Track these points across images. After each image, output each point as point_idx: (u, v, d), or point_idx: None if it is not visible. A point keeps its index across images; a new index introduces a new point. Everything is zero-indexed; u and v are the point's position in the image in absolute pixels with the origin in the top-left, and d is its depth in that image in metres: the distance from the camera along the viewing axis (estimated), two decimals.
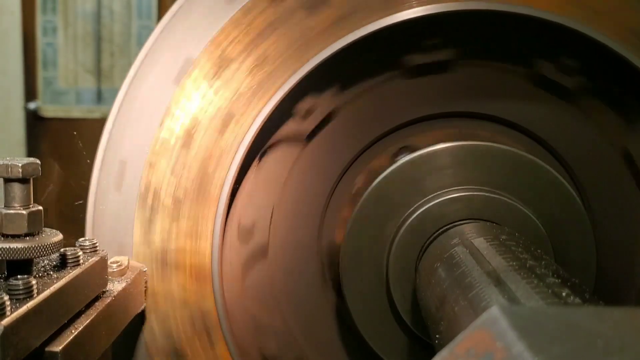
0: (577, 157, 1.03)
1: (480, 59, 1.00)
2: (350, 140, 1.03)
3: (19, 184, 0.65)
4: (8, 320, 0.55)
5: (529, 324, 0.41)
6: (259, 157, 0.97)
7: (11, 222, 0.65)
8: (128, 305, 0.82)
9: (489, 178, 0.97)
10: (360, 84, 1.00)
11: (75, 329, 0.67)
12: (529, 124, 1.03)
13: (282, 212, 1.04)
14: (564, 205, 0.98)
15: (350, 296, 1.00)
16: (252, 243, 1.02)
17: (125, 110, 0.90)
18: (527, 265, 0.70)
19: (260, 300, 1.03)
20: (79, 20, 3.66)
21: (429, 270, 0.86)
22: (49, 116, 3.69)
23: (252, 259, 1.02)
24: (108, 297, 0.76)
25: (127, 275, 0.82)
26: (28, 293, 0.60)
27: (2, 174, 0.65)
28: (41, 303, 0.60)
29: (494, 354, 0.39)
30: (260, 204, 1.02)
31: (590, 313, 0.44)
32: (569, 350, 0.38)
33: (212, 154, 0.89)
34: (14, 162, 0.65)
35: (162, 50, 0.90)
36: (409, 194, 0.97)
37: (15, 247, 0.63)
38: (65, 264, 0.70)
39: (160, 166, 0.89)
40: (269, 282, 1.04)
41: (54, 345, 0.63)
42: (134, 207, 0.89)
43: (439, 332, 0.71)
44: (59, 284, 0.65)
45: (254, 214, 1.01)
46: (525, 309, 0.50)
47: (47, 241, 0.65)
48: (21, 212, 0.65)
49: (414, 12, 0.88)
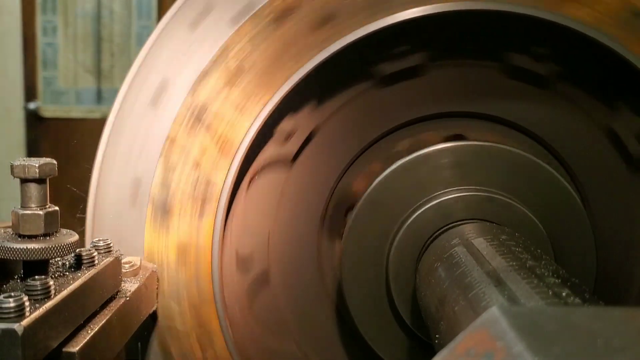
0: (563, 142, 1.03)
1: (452, 59, 1.00)
2: (336, 154, 1.04)
3: (35, 184, 0.65)
4: (28, 321, 0.55)
5: (529, 324, 0.41)
6: (248, 185, 0.97)
7: (28, 223, 0.64)
8: (141, 305, 0.82)
9: (489, 178, 0.97)
10: (335, 99, 1.00)
11: (91, 330, 0.67)
12: (511, 115, 1.03)
13: (278, 236, 1.04)
14: (564, 205, 0.98)
15: (351, 296, 1.00)
16: (253, 272, 1.02)
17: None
18: (527, 265, 0.70)
19: (270, 326, 1.03)
20: (79, 20, 3.66)
21: (429, 270, 0.86)
22: (49, 116, 3.69)
23: (256, 288, 1.02)
24: (122, 297, 0.76)
25: (140, 276, 0.82)
26: (46, 294, 0.60)
27: (19, 175, 0.65)
28: (59, 304, 0.60)
29: (494, 354, 0.39)
30: (255, 232, 1.01)
31: (590, 313, 0.44)
32: (569, 350, 0.38)
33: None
34: (31, 162, 0.65)
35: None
36: (409, 194, 0.97)
37: (32, 247, 0.63)
38: (80, 265, 0.70)
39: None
40: (276, 307, 1.04)
41: (71, 346, 0.63)
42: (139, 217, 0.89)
43: (439, 332, 0.71)
44: (75, 284, 0.65)
45: (251, 243, 1.01)
46: (525, 309, 0.50)
47: (64, 241, 0.65)
48: (38, 212, 0.65)
49: (381, 22, 0.88)
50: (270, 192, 1.02)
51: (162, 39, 0.90)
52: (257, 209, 1.01)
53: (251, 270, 1.01)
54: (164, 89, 0.89)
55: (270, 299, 1.04)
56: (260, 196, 1.00)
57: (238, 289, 0.98)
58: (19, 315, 0.55)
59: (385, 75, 1.00)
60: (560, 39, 0.93)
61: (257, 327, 1.01)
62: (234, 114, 0.88)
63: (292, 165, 1.02)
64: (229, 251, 0.96)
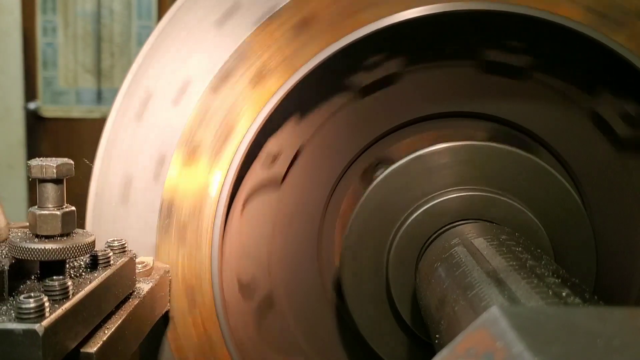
0: (551, 132, 1.03)
1: (426, 62, 1.00)
2: (326, 169, 1.04)
3: (52, 185, 0.65)
4: (48, 322, 0.55)
5: (529, 324, 0.41)
6: (241, 210, 0.97)
7: (45, 223, 0.64)
8: (155, 306, 0.82)
9: (489, 178, 0.97)
10: (316, 115, 1.01)
11: (108, 330, 0.66)
12: (494, 110, 1.03)
13: (278, 257, 1.04)
14: (564, 205, 0.98)
15: (351, 296, 1.00)
16: (257, 297, 1.02)
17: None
18: (527, 265, 0.70)
19: (279, 347, 1.03)
20: (79, 20, 3.66)
21: (428, 270, 0.86)
22: (49, 116, 3.69)
23: (262, 312, 1.02)
24: (136, 297, 0.76)
25: (153, 276, 0.82)
26: (64, 294, 0.60)
27: (36, 175, 0.64)
28: (78, 304, 0.60)
29: (494, 354, 0.39)
30: (255, 255, 1.01)
31: (590, 313, 0.44)
32: (569, 350, 0.38)
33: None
34: (48, 162, 0.65)
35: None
36: (409, 194, 0.97)
37: (50, 248, 0.63)
38: (96, 265, 0.70)
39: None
40: (285, 328, 1.04)
41: (89, 347, 0.63)
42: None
43: (439, 332, 0.71)
44: (92, 284, 0.65)
45: (252, 268, 1.01)
46: (525, 309, 0.50)
47: (81, 242, 0.65)
48: (55, 212, 0.64)
49: (355, 34, 0.87)
50: (264, 214, 1.02)
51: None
52: (253, 233, 1.01)
53: (255, 295, 1.01)
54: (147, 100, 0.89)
55: (277, 320, 1.04)
56: (255, 219, 1.00)
57: (245, 315, 0.98)
58: (39, 316, 0.55)
59: (363, 86, 1.00)
60: (533, 30, 0.93)
61: (266, 349, 1.01)
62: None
63: (282, 186, 1.03)
64: (230, 278, 0.96)
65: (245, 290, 0.99)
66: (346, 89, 1.00)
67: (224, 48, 0.87)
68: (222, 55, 0.87)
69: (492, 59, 1.00)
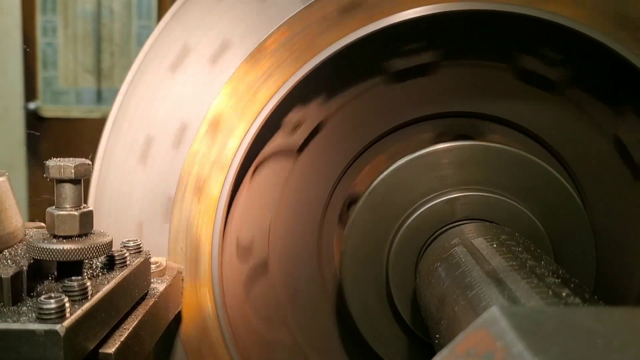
0: (569, 148, 1.02)
1: (462, 58, 1.00)
2: (342, 147, 1.04)
3: (70, 185, 0.65)
4: (69, 322, 0.55)
5: (529, 324, 0.41)
6: (252, 173, 0.97)
7: (63, 224, 0.64)
8: (169, 305, 0.82)
9: (489, 178, 0.97)
10: (345, 93, 1.00)
11: (125, 330, 0.67)
12: (517, 118, 1.03)
13: (279, 225, 1.03)
14: (564, 205, 0.98)
15: (351, 296, 1.00)
16: (252, 260, 1.01)
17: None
18: (527, 265, 0.70)
19: (266, 316, 1.03)
20: (79, 20, 3.66)
21: (428, 270, 0.86)
22: (49, 116, 3.69)
23: (254, 277, 1.02)
24: (152, 297, 0.76)
25: (166, 276, 0.83)
26: (84, 294, 0.60)
27: (54, 175, 0.65)
28: (97, 304, 0.60)
29: (494, 354, 0.39)
30: (257, 220, 1.01)
31: (590, 313, 0.44)
32: (569, 350, 0.38)
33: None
34: (66, 162, 0.65)
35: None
36: (409, 193, 0.97)
37: (68, 248, 0.63)
38: (113, 265, 0.70)
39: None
40: (273, 297, 1.04)
41: (108, 347, 0.63)
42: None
43: (439, 332, 0.71)
44: (110, 284, 0.65)
45: (252, 231, 1.01)
46: (525, 309, 0.50)
47: (99, 242, 0.65)
48: (73, 213, 0.65)
49: (397, 17, 0.87)
50: (273, 182, 1.01)
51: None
52: (259, 198, 1.01)
53: (250, 258, 1.01)
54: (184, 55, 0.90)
55: (267, 288, 1.04)
56: (263, 186, 1.00)
57: (235, 273, 0.98)
58: (60, 317, 0.55)
59: (397, 71, 1.00)
60: (570, 42, 0.93)
61: (252, 314, 1.01)
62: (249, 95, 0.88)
63: (297, 157, 1.02)
64: (230, 238, 0.96)
65: (242, 251, 0.99)
66: (379, 72, 1.00)
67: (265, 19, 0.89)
68: (265, 28, 0.88)
69: (528, 67, 0.99)
